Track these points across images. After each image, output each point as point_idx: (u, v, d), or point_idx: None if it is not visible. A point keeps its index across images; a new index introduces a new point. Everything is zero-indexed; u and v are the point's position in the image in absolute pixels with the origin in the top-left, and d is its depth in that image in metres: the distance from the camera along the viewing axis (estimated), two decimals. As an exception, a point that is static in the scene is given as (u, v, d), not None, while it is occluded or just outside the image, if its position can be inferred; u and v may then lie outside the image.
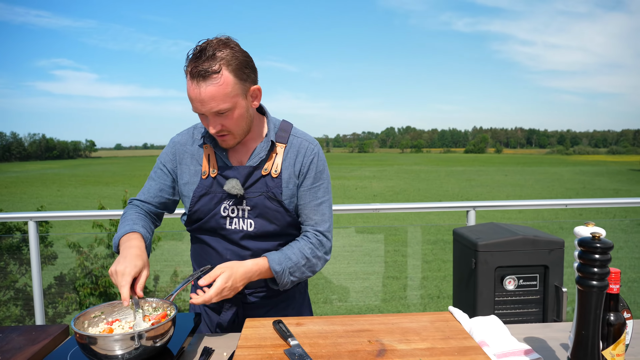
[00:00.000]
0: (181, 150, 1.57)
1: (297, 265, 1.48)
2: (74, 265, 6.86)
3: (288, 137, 1.55)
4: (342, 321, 1.37)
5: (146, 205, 1.61)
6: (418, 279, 5.98)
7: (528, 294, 2.43)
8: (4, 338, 1.38)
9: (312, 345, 1.21)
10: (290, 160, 1.53)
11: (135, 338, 1.11)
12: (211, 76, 1.30)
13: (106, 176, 65.36)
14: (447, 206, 2.97)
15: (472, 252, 2.41)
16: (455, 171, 64.11)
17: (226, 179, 1.48)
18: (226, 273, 1.34)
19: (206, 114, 1.36)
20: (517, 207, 2.97)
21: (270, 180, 1.50)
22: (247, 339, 1.26)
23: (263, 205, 1.49)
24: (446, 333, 1.28)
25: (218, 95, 1.32)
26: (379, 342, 1.23)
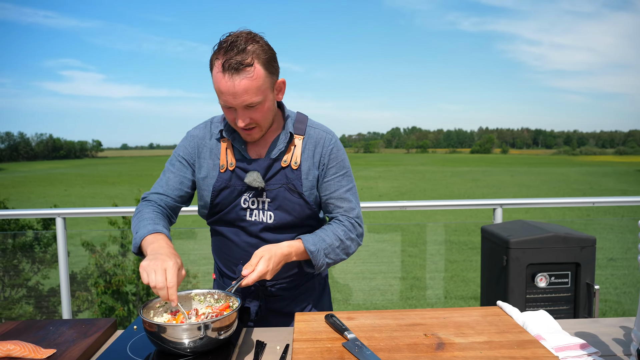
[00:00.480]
0: (200, 144, 1.56)
1: (332, 246, 1.48)
2: (86, 263, 6.89)
3: (305, 128, 1.55)
4: (393, 315, 1.37)
5: (164, 198, 1.56)
6: (439, 278, 5.97)
7: (559, 292, 2.42)
8: (55, 331, 1.39)
9: (369, 339, 1.21)
10: (309, 151, 1.53)
11: (202, 328, 1.11)
12: (245, 69, 1.30)
13: (113, 176, 65.67)
14: (474, 204, 2.96)
15: (503, 250, 2.40)
16: (461, 171, 63.94)
17: (245, 172, 1.49)
18: (266, 256, 1.35)
19: (236, 107, 1.36)
20: (545, 205, 2.95)
21: (290, 172, 1.50)
22: (302, 333, 1.26)
23: (283, 197, 1.49)
24: (500, 327, 1.28)
25: (251, 88, 1.32)
26: (435, 336, 1.22)
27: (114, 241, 7.04)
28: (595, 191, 37.47)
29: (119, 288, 6.75)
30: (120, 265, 6.99)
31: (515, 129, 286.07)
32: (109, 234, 7.20)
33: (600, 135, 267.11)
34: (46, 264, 7.24)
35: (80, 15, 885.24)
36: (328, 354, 1.13)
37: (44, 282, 6.98)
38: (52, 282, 6.88)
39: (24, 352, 1.22)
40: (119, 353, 1.19)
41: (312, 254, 1.44)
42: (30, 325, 1.44)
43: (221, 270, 1.66)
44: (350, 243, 1.52)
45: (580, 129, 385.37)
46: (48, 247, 7.96)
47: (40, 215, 2.85)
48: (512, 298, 2.38)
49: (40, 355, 1.22)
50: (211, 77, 1.39)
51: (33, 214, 2.90)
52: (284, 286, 1.58)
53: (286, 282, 1.58)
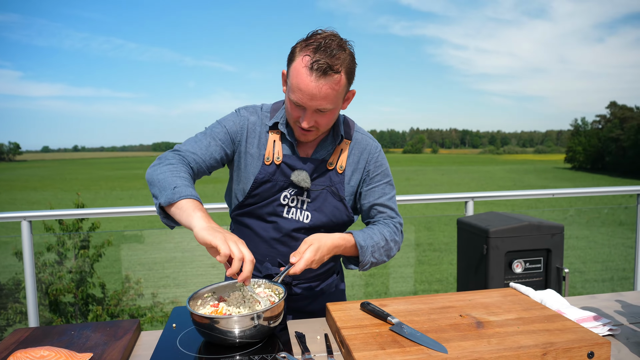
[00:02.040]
0: (251, 128, 1.51)
1: (378, 245, 1.49)
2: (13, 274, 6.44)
3: (352, 133, 1.56)
4: (420, 300, 1.44)
5: (198, 161, 1.43)
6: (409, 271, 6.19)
7: (533, 276, 2.61)
8: (79, 335, 1.33)
9: (411, 322, 1.27)
10: (354, 157, 1.54)
11: (254, 318, 1.12)
12: (332, 75, 1.29)
13: (34, 180, 61.42)
14: (447, 197, 3.11)
15: (483, 239, 2.55)
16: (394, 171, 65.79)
17: (292, 169, 1.47)
18: (314, 245, 1.34)
19: (310, 107, 1.34)
20: (512, 197, 3.17)
21: (335, 176, 1.51)
22: (344, 321, 1.29)
23: (324, 199, 1.50)
24: (523, 305, 1.38)
25: (331, 95, 1.32)
26: (471, 316, 1.30)
27: (49, 249, 6.63)
28: (518, 187, 39.98)
29: (56, 298, 6.38)
30: (57, 274, 6.61)
31: (444, 130, 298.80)
32: (44, 240, 6.77)
33: (521, 135, 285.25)
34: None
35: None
36: (381, 338, 1.17)
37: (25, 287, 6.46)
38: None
39: (60, 357, 1.16)
40: (169, 350, 1.17)
41: (362, 249, 1.44)
42: (47, 331, 1.36)
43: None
44: (393, 245, 1.54)
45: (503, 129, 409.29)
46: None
47: (5, 219, 2.66)
48: (491, 284, 2.54)
49: (79, 359, 1.17)
50: (287, 67, 1.37)
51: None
52: (308, 285, 1.59)
53: (310, 282, 1.59)
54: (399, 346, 1.12)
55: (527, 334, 1.18)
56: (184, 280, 6.16)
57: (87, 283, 6.43)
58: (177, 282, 6.20)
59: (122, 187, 48.68)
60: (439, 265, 9.95)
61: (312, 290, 1.61)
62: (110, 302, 6.76)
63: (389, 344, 1.14)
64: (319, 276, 1.61)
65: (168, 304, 6.11)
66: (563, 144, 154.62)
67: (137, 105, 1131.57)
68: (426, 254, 10.36)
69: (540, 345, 1.11)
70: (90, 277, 6.46)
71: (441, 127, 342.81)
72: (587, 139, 65.78)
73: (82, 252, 6.53)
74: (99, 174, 71.92)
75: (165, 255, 6.50)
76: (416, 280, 8.31)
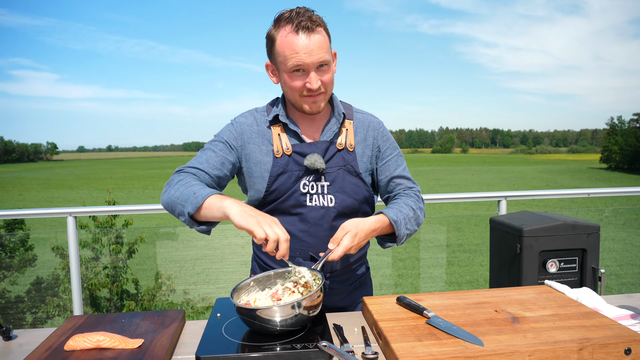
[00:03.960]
0: (248, 130, 1.55)
1: (408, 216, 1.52)
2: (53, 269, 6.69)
3: (352, 114, 1.62)
4: (456, 296, 1.47)
5: (202, 175, 1.48)
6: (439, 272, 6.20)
7: (568, 276, 2.58)
8: (129, 323, 1.41)
9: (446, 317, 1.30)
10: (360, 135, 1.59)
11: (295, 307, 1.17)
12: (317, 29, 1.40)
13: (70, 179, 63.46)
14: (479, 196, 3.11)
15: (517, 238, 2.54)
16: (424, 171, 65.25)
17: (303, 155, 1.50)
18: (352, 232, 1.37)
19: (311, 65, 1.40)
20: (546, 196, 3.14)
21: (347, 154, 1.55)
22: (381, 314, 1.33)
23: (342, 179, 1.53)
24: (559, 302, 1.39)
25: (324, 45, 1.41)
26: (506, 312, 1.32)
27: (84, 245, 6.86)
28: (551, 188, 39.03)
29: (92, 293, 6.60)
30: (93, 269, 6.83)
31: (474, 129, 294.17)
32: (80, 237, 7.01)
33: (554, 135, 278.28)
34: (14, 269, 7.00)
35: (31, 13, 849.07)
36: (417, 331, 1.21)
37: (10, 288, 6.74)
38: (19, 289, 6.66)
39: (114, 342, 1.24)
40: (216, 338, 1.23)
41: (396, 224, 1.46)
42: (99, 319, 1.45)
43: (266, 266, 1.63)
44: (420, 213, 1.58)
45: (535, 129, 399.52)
46: (15, 252, 7.69)
47: (52, 214, 2.80)
48: (525, 283, 2.53)
49: (131, 345, 1.24)
50: (270, 56, 1.49)
51: (44, 213, 2.85)
52: (341, 278, 1.62)
53: (344, 275, 1.62)
54: (435, 338, 1.16)
55: (563, 330, 1.19)
56: (215, 278, 6.28)
57: (121, 279, 6.66)
58: (208, 279, 6.33)
59: (154, 186, 49.80)
60: (469, 267, 9.84)
61: (345, 284, 1.64)
62: (143, 297, 6.97)
63: (425, 336, 1.17)
64: (351, 270, 1.64)
65: (198, 301, 6.25)
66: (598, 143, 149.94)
67: (167, 106, 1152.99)
68: (456, 255, 10.27)
69: (577, 340, 1.13)
70: (124, 273, 6.68)
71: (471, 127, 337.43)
72: (623, 138, 63.64)
73: (115, 247, 6.76)
74: (131, 173, 73.71)
75: (197, 252, 6.64)
76: (446, 282, 8.22)
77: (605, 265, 4.31)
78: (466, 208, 14.66)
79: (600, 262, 2.65)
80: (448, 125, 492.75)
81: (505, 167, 73.27)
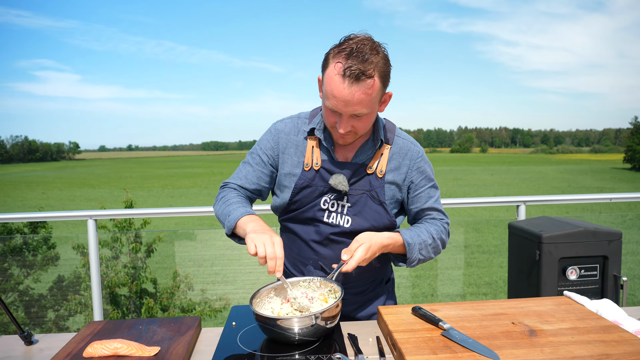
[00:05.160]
0: (285, 139, 1.57)
1: (425, 243, 1.51)
2: (74, 267, 6.81)
3: (393, 138, 1.56)
4: (472, 306, 1.45)
5: (242, 190, 1.60)
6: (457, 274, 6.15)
7: (588, 284, 2.54)
8: (146, 330, 1.43)
9: (462, 328, 1.28)
10: (395, 162, 1.54)
11: (313, 318, 1.17)
12: (365, 80, 1.29)
13: (91, 178, 64.55)
14: (497, 201, 3.07)
15: (536, 244, 2.51)
16: (442, 170, 64.67)
17: (330, 173, 1.50)
18: (365, 244, 1.38)
19: (343, 114, 1.36)
20: (566, 201, 3.08)
21: (375, 180, 1.52)
22: (396, 325, 1.32)
23: (364, 204, 1.51)
24: (578, 315, 1.37)
25: (365, 100, 1.32)
26: (523, 324, 1.30)
27: (104, 245, 6.97)
28: (573, 189, 38.35)
29: (112, 291, 6.71)
30: (113, 268, 6.95)
31: (494, 128, 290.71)
32: (101, 237, 7.13)
33: (576, 134, 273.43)
34: (37, 267, 7.16)
35: (54, 15, 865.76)
36: (432, 343, 1.20)
37: (34, 285, 6.90)
38: (42, 287, 6.82)
39: (131, 350, 1.26)
40: (230, 347, 1.24)
41: (409, 246, 1.47)
42: (118, 325, 1.47)
43: (286, 268, 1.68)
44: (440, 243, 1.56)
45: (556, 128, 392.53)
46: (37, 251, 7.87)
47: (73, 217, 2.86)
48: (544, 291, 2.49)
49: (148, 352, 1.26)
50: (322, 74, 1.39)
51: (66, 215, 2.91)
52: (356, 290, 1.62)
53: (358, 287, 1.62)
54: (450, 352, 1.15)
55: (582, 344, 1.17)
56: (233, 278, 6.33)
57: (140, 277, 6.76)
58: (225, 279, 6.38)
59: (173, 185, 50.37)
60: (488, 268, 9.72)
61: (359, 296, 1.63)
62: (162, 295, 7.07)
63: (440, 349, 1.16)
64: (367, 283, 1.64)
65: (216, 301, 6.31)
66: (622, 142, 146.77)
67: (187, 106, 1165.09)
68: (474, 256, 10.15)
69: (596, 356, 1.11)
70: (143, 272, 6.78)
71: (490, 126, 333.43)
72: (648, 138, 62.18)
73: (134, 246, 6.87)
74: (151, 172, 74.70)
75: (215, 252, 6.69)
76: (464, 283, 8.16)
77: (628, 269, 4.17)
78: (485, 210, 14.48)
79: (623, 266, 2.59)
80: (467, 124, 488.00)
81: (525, 167, 72.17)
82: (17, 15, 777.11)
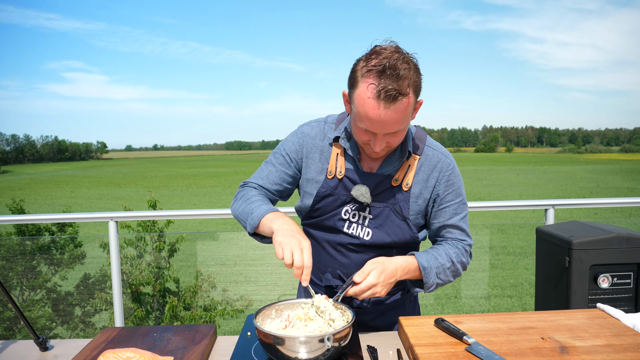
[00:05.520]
0: (310, 143, 1.51)
1: (444, 267, 1.43)
2: (101, 265, 6.92)
3: (423, 147, 1.48)
4: (499, 319, 1.38)
5: (262, 190, 1.54)
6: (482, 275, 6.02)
7: (621, 292, 2.42)
8: (161, 338, 1.40)
9: (488, 343, 1.22)
10: (423, 174, 1.46)
11: (324, 340, 1.11)
12: (401, 100, 1.21)
13: (118, 178, 65.84)
14: (525, 204, 2.96)
15: (565, 250, 2.40)
16: (466, 170, 63.79)
17: (354, 183, 1.44)
18: (378, 269, 1.31)
19: (379, 134, 1.29)
20: (596, 205, 2.96)
21: (400, 193, 1.44)
22: (418, 337, 1.26)
23: (387, 217, 1.44)
24: (613, 330, 1.28)
25: (401, 118, 1.25)
26: (553, 340, 1.23)
27: (128, 243, 7.06)
28: (602, 190, 37.29)
29: (137, 289, 6.79)
30: (138, 266, 7.03)
31: (520, 128, 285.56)
32: (123, 238, 7.22)
33: (606, 133, 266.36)
34: (64, 265, 7.31)
35: (83, 17, 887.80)
36: (456, 359, 1.13)
37: (61, 283, 7.04)
38: (69, 284, 6.95)
39: (144, 359, 1.23)
40: (244, 358, 1.20)
41: (425, 271, 1.40)
42: (132, 332, 1.45)
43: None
44: (460, 267, 1.48)
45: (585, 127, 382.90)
46: (65, 249, 8.03)
47: (94, 219, 2.87)
48: (574, 299, 2.38)
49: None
50: (349, 90, 1.31)
51: (88, 217, 2.93)
52: (374, 299, 1.55)
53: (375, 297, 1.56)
54: (475, 369, 1.08)
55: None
56: (255, 278, 6.35)
57: (164, 276, 6.82)
58: (247, 278, 6.39)
59: (197, 185, 51.00)
60: (513, 270, 9.52)
61: (379, 306, 1.57)
62: (184, 294, 7.13)
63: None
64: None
65: (237, 301, 6.33)
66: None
67: (211, 106, 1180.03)
68: (499, 257, 9.95)
69: (634, 378, 1.03)
70: (167, 271, 6.85)
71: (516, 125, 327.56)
72: (682, 137, 60.16)
73: (158, 245, 6.94)
74: (176, 172, 75.76)
75: (237, 252, 6.72)
76: (489, 285, 8.01)
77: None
78: (511, 211, 14.20)
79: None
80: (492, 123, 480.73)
81: (552, 167, 70.61)
82: (47, 19, 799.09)
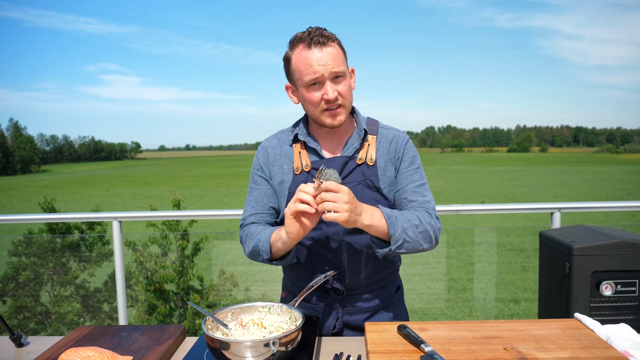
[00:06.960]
0: (272, 152, 1.60)
1: (411, 222, 1.39)
2: (126, 262, 7.09)
3: (377, 129, 1.58)
4: (466, 327, 1.34)
5: (259, 217, 1.60)
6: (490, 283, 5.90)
7: (626, 300, 2.31)
8: (128, 337, 1.42)
9: (446, 352, 1.18)
10: (384, 148, 1.54)
11: (269, 344, 1.10)
12: (329, 42, 1.42)
13: (151, 177, 67.45)
14: (528, 207, 2.87)
15: (566, 256, 2.31)
16: (498, 171, 62.55)
17: None
18: (351, 194, 1.30)
19: (326, 77, 1.41)
20: (607, 209, 2.83)
21: (367, 169, 1.51)
22: (376, 344, 1.24)
23: (361, 194, 1.48)
24: (583, 342, 1.23)
25: (337, 56, 1.43)
26: (516, 350, 1.18)
27: (153, 241, 7.20)
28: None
29: (161, 286, 6.92)
30: (162, 264, 7.17)
31: (555, 127, 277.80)
32: (147, 237, 7.37)
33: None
34: (92, 262, 7.53)
35: (119, 21, 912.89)
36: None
37: (90, 279, 7.26)
38: (97, 280, 7.15)
39: (103, 358, 1.25)
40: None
41: (390, 219, 1.35)
42: (103, 331, 1.47)
43: (291, 289, 1.64)
44: (429, 228, 1.42)
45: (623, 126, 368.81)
46: (93, 246, 8.27)
47: (99, 218, 2.93)
48: (575, 307, 2.29)
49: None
50: (288, 76, 1.51)
51: (91, 217, 2.99)
52: (366, 297, 1.54)
53: (367, 291, 1.55)
54: (424, 379, 1.05)
55: (577, 378, 1.04)
56: (276, 277, 6.39)
57: (187, 274, 6.94)
58: (270, 277, 6.44)
59: (227, 184, 51.76)
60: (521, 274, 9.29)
61: (370, 302, 1.55)
62: (208, 292, 7.24)
63: (414, 376, 1.07)
64: (378, 289, 1.56)
65: (259, 298, 6.38)
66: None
67: (242, 107, 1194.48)
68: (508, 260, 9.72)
69: (589, 393, 0.98)
70: (190, 269, 6.96)
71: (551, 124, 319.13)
72: None
73: (181, 243, 7.06)
74: (207, 172, 77.09)
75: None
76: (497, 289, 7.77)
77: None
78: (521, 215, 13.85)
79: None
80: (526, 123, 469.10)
81: (588, 167, 68.37)
82: (85, 23, 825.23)
